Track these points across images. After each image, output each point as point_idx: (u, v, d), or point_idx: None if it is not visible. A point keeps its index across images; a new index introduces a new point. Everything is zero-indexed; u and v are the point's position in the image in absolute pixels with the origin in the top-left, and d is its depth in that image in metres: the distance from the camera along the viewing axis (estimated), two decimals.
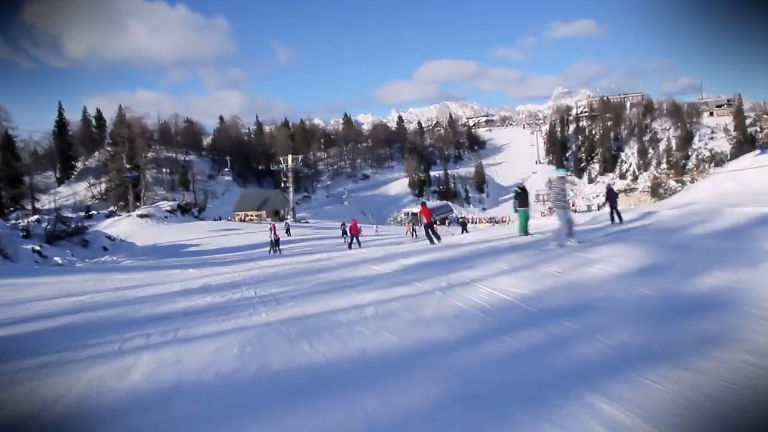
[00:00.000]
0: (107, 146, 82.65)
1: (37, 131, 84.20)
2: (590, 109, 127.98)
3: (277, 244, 26.84)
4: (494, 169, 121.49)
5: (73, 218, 35.25)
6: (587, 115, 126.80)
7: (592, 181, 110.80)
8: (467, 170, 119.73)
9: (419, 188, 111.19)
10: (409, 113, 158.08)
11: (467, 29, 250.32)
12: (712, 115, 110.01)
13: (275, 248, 26.42)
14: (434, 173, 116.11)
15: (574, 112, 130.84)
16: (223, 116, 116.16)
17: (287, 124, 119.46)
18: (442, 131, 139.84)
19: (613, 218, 14.31)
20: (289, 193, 71.72)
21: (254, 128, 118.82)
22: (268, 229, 38.32)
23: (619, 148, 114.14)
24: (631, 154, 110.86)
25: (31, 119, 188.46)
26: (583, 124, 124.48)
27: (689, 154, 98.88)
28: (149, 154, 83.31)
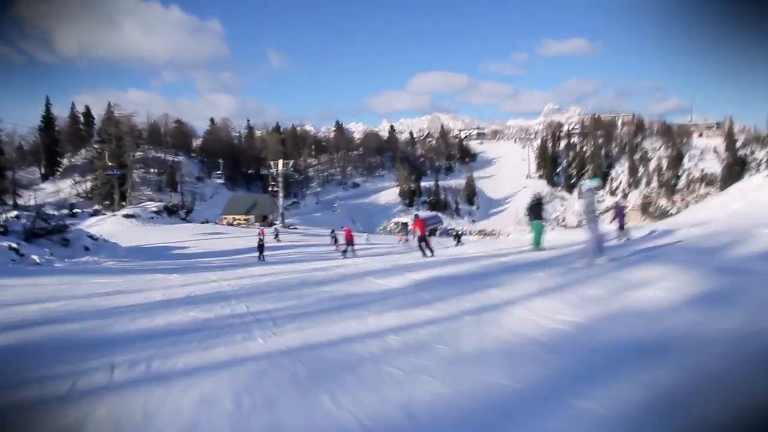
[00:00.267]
0: (94, 144, 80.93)
1: (22, 125, 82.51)
2: (582, 126, 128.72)
3: (261, 249, 25.59)
4: (485, 182, 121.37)
5: (54, 216, 33.96)
6: (579, 131, 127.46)
7: (582, 197, 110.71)
8: (458, 182, 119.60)
9: (409, 198, 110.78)
10: (400, 123, 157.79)
11: (461, 42, 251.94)
12: (701, 136, 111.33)
13: (261, 254, 25.25)
14: (425, 184, 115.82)
15: (565, 128, 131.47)
16: (213, 118, 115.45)
17: (278, 128, 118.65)
18: (433, 142, 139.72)
19: (619, 236, 13.75)
20: (278, 198, 70.63)
21: (245, 132, 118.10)
22: (257, 233, 37.60)
23: (609, 165, 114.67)
24: (621, 172, 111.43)
25: (16, 114, 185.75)
26: (574, 140, 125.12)
27: (679, 174, 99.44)
28: (137, 153, 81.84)
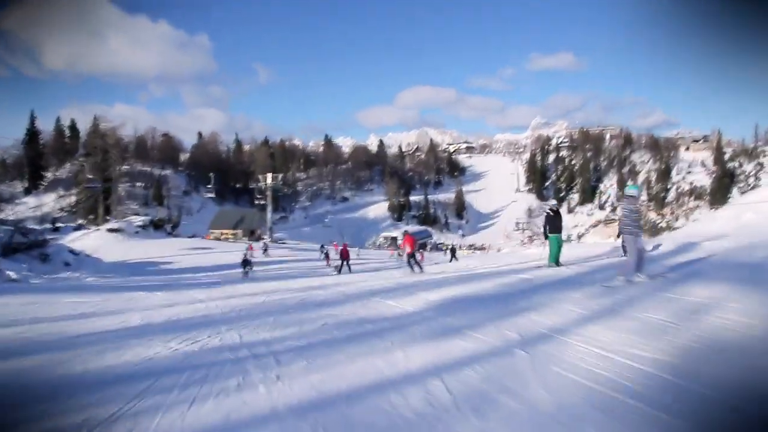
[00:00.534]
0: (80, 157, 79.25)
1: (6, 137, 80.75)
2: (570, 139, 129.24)
3: (246, 265, 24.46)
4: (474, 195, 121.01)
5: (33, 230, 32.72)
6: (567, 145, 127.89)
7: (571, 211, 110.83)
8: (447, 196, 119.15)
9: (399, 212, 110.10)
10: (388, 138, 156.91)
11: (448, 57, 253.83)
12: (688, 149, 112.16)
13: (246, 269, 24.09)
14: (414, 198, 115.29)
15: (554, 142, 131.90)
16: (201, 132, 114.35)
17: (267, 142, 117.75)
18: (422, 156, 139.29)
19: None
20: (266, 212, 69.37)
21: (233, 146, 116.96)
22: (245, 248, 36.54)
23: (598, 179, 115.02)
24: (610, 185, 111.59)
25: (0, 128, 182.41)
26: (563, 154, 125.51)
27: (668, 187, 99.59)
28: (123, 166, 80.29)
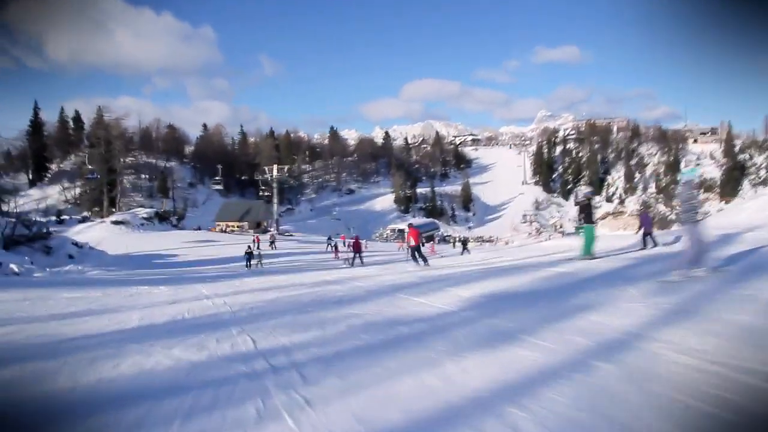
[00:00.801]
0: (84, 149, 78.97)
1: (10, 128, 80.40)
2: (577, 131, 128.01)
3: (250, 258, 23.92)
4: (480, 188, 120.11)
5: (36, 222, 32.23)
6: (574, 137, 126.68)
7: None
8: (453, 188, 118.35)
9: (405, 205, 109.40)
10: (393, 130, 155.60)
11: (453, 50, 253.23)
12: (695, 142, 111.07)
13: (249, 263, 23.52)
14: (420, 190, 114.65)
15: (561, 134, 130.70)
16: (206, 124, 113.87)
17: (272, 134, 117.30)
18: (428, 148, 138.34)
19: (646, 243, 12.63)
20: (273, 204, 68.80)
21: (238, 138, 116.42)
22: (251, 240, 36.01)
23: (605, 171, 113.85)
24: (617, 177, 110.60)
25: (5, 119, 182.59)
26: (569, 146, 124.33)
27: (678, 179, 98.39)
28: (128, 158, 79.92)
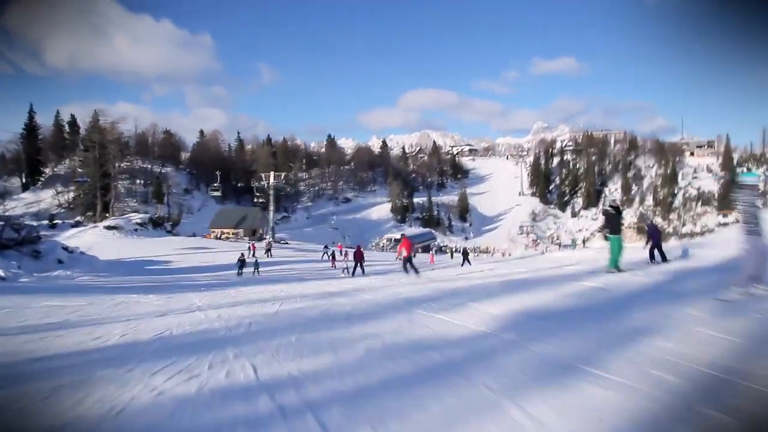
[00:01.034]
0: (79, 153, 78.26)
1: (4, 130, 79.73)
2: (574, 143, 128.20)
3: (243, 266, 23.26)
4: (477, 198, 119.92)
5: (25, 225, 31.55)
6: (571, 149, 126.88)
7: (575, 215, 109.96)
8: (450, 198, 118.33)
9: (402, 214, 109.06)
10: (390, 140, 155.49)
11: (451, 60, 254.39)
12: (692, 155, 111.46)
13: (241, 270, 22.88)
14: (417, 200, 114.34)
15: (558, 145, 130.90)
16: (203, 130, 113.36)
17: (269, 141, 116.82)
18: (425, 158, 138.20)
19: (653, 257, 12.13)
20: (269, 211, 68.13)
21: (235, 144, 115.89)
22: (247, 248, 35.39)
23: (603, 183, 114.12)
24: (614, 189, 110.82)
25: (0, 125, 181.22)
26: (567, 157, 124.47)
27: (675, 192, 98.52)
28: (123, 163, 79.20)
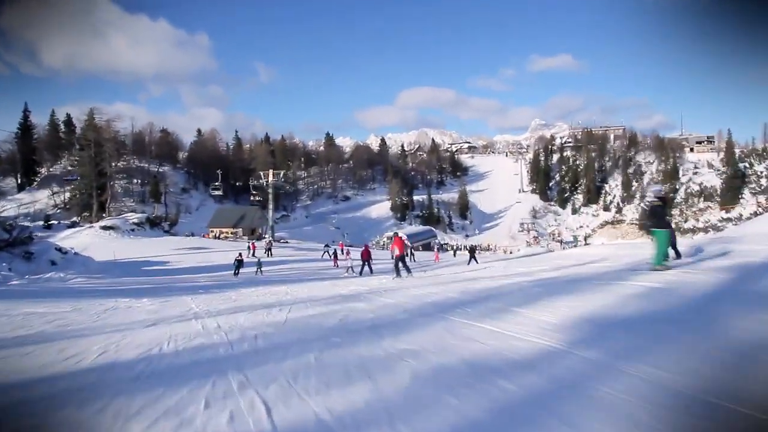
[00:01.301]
0: (75, 152, 77.29)
1: (1, 129, 78.54)
2: (574, 139, 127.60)
3: (240, 266, 22.66)
4: (477, 195, 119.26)
5: (17, 226, 30.71)
6: (571, 145, 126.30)
7: (575, 211, 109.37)
8: (450, 196, 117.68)
9: (401, 212, 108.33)
10: (388, 138, 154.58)
11: (449, 58, 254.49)
12: (692, 150, 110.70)
13: (238, 271, 22.25)
14: (417, 198, 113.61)
15: (557, 142, 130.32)
16: (201, 129, 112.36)
17: (268, 139, 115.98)
18: (424, 155, 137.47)
19: (678, 253, 11.28)
20: (268, 210, 67.19)
21: (233, 143, 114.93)
22: (247, 247, 34.67)
23: (603, 179, 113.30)
24: (615, 186, 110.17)
25: None
26: (566, 154, 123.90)
27: (677, 188, 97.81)
28: (120, 162, 78.28)
